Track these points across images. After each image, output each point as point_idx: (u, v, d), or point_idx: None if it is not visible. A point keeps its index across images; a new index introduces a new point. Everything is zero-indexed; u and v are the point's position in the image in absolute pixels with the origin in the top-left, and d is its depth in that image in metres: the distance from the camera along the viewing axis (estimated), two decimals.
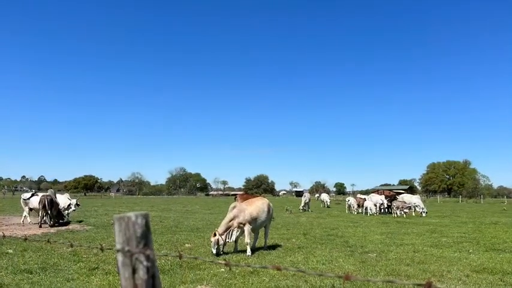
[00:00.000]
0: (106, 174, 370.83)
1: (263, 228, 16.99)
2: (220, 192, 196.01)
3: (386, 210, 41.82)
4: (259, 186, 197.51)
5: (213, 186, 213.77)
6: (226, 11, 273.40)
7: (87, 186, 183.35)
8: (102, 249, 3.43)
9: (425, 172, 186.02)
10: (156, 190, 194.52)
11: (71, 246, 4.14)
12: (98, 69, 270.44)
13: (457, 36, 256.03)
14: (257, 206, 16.25)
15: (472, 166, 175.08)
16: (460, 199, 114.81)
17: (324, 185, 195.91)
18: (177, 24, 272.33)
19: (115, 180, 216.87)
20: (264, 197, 24.00)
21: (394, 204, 39.01)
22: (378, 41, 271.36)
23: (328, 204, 59.71)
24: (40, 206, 24.46)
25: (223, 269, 12.00)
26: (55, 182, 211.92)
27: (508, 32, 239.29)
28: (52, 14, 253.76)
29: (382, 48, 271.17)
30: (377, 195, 47.91)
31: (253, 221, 15.77)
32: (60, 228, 23.91)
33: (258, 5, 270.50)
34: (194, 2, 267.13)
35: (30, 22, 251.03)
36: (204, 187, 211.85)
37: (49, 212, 24.48)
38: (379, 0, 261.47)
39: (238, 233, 15.61)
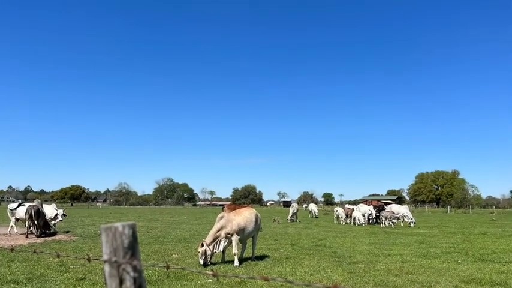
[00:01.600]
0: (93, 185, 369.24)
1: (251, 238, 16.96)
2: (208, 203, 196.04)
3: (374, 220, 41.82)
4: (247, 197, 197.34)
5: (201, 196, 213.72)
6: (217, 20, 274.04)
7: (74, 196, 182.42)
8: (89, 260, 3.40)
9: (413, 182, 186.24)
10: (143, 200, 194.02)
11: (58, 256, 4.09)
12: (84, 79, 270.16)
13: (445, 46, 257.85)
14: (245, 216, 16.22)
15: (460, 176, 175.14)
16: (448, 209, 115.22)
17: (312, 195, 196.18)
18: (164, 33, 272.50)
19: (102, 191, 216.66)
20: (252, 207, 23.99)
21: (383, 214, 39.08)
22: (366, 52, 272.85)
23: (316, 214, 59.72)
24: (27, 216, 24.32)
25: (210, 280, 11.96)
26: (42, 192, 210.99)
27: (497, 42, 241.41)
28: (32, 21, 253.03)
29: (370, 59, 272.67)
30: (365, 205, 47.93)
31: (241, 231, 15.73)
32: (46, 238, 23.80)
33: (248, 16, 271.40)
34: (186, 12, 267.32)
35: (14, 30, 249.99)
36: (192, 197, 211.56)
37: (36, 222, 24.32)
38: (363, 11, 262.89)
39: (226, 243, 15.58)
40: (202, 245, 14.98)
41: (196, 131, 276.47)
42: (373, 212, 42.11)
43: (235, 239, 15.47)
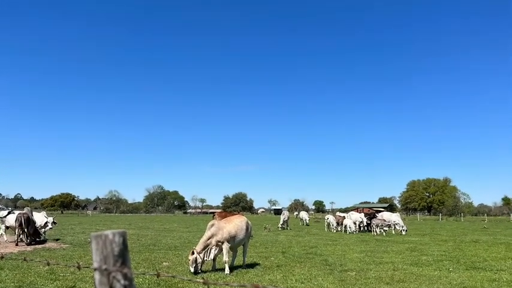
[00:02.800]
0: (83, 192, 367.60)
1: (242, 246, 16.94)
2: (199, 210, 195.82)
3: (365, 228, 41.91)
4: (237, 204, 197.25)
5: (191, 204, 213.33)
6: (208, 28, 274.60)
7: (64, 204, 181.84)
8: (79, 268, 3.37)
9: (405, 190, 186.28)
10: (134, 208, 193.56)
11: (48, 264, 4.06)
12: (73, 87, 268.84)
13: (436, 54, 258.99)
14: (235, 224, 16.21)
15: (452, 184, 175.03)
16: (440, 217, 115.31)
17: (302, 202, 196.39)
18: (154, 40, 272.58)
19: (92, 198, 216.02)
20: (243, 215, 24.01)
21: (374, 222, 39.14)
22: (357, 59, 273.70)
23: (307, 222, 59.76)
24: (16, 224, 24.23)
25: None
26: (32, 199, 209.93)
27: (489, 50, 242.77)
28: (17, 29, 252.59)
29: (361, 66, 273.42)
30: (356, 213, 48.02)
31: (231, 239, 15.71)
32: (36, 246, 23.70)
33: (239, 22, 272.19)
34: (178, 18, 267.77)
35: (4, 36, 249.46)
36: (182, 205, 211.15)
37: (26, 230, 24.23)
38: (351, 16, 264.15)
39: (216, 251, 15.56)
40: (193, 253, 14.96)
41: (187, 138, 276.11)
42: (364, 220, 42.20)
43: (226, 246, 15.44)
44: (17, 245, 23.91)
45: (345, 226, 40.62)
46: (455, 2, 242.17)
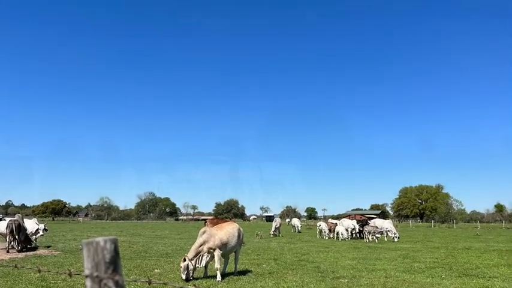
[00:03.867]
0: (74, 199, 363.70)
1: (233, 253, 16.93)
2: (190, 217, 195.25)
3: (358, 235, 41.89)
4: (229, 211, 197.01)
5: (183, 211, 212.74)
6: (201, 31, 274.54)
7: (55, 210, 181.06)
8: (70, 275, 3.34)
9: (397, 197, 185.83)
10: (125, 215, 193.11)
11: (39, 271, 4.03)
12: (65, 92, 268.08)
13: (428, 59, 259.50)
14: (227, 231, 16.21)
15: (444, 190, 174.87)
16: (432, 224, 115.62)
17: (294, 209, 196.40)
18: (147, 44, 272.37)
19: (83, 205, 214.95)
20: (234, 221, 23.97)
21: (366, 229, 39.14)
22: (350, 64, 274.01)
23: (299, 229, 59.77)
24: (7, 231, 24.14)
25: None
26: (23, 206, 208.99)
27: (484, 53, 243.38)
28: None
29: (351, 71, 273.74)
30: (348, 220, 48.01)
31: (223, 246, 15.69)
32: (27, 253, 23.63)
33: (233, 27, 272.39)
34: (172, 23, 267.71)
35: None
36: (174, 212, 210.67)
37: (16, 237, 24.15)
38: (343, 20, 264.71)
39: (208, 258, 15.53)
40: (185, 260, 14.93)
41: (179, 144, 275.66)
42: (357, 227, 42.20)
43: (217, 253, 15.42)
44: (8, 252, 23.81)
45: (337, 233, 40.64)
46: (453, 3, 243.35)
